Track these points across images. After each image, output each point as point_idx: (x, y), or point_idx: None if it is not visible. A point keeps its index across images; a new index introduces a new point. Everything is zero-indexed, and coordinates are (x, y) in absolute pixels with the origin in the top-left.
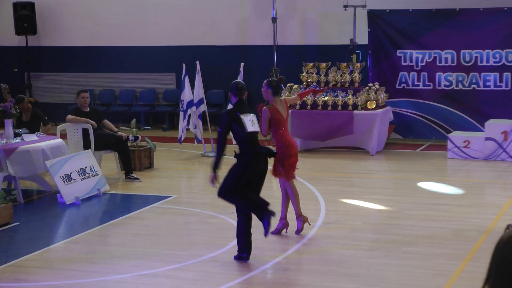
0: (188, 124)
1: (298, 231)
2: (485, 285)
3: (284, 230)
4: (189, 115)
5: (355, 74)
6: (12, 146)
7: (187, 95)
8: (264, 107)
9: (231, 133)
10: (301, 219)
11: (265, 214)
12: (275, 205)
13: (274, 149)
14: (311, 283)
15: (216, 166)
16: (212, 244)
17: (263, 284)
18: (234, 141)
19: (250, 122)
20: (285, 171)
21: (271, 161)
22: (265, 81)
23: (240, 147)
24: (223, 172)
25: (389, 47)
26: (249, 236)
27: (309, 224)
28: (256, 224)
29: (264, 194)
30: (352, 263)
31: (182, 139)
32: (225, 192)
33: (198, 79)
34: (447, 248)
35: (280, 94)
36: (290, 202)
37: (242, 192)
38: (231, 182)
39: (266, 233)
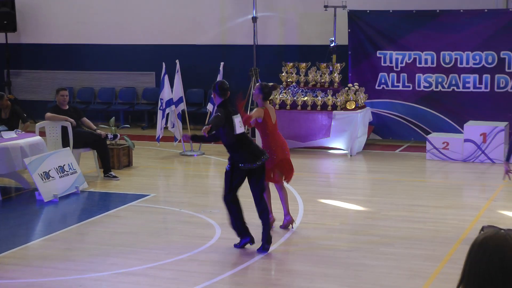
0: (166, 123)
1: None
2: (459, 287)
3: (290, 225)
4: (167, 114)
5: (335, 75)
6: None
7: (166, 94)
8: (259, 107)
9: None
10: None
11: (245, 239)
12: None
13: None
14: (289, 283)
15: (196, 138)
16: (190, 243)
17: (241, 284)
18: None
19: (239, 124)
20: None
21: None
22: (257, 84)
23: (228, 151)
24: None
25: (369, 47)
26: (243, 222)
27: (292, 228)
28: (230, 229)
29: (242, 193)
30: (329, 264)
31: (160, 137)
32: (225, 196)
33: (178, 78)
34: (425, 249)
35: (267, 100)
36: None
37: (238, 208)
38: (227, 183)
39: (237, 245)
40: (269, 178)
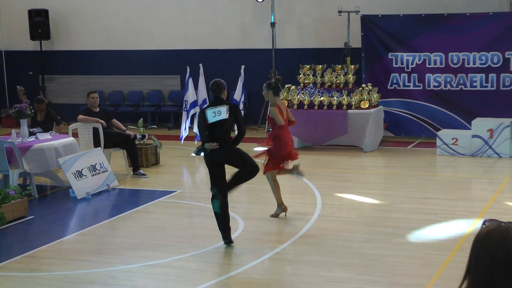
0: (191, 123)
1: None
2: (465, 279)
3: (283, 213)
4: (192, 115)
5: (349, 76)
6: (27, 144)
7: (190, 96)
8: (271, 107)
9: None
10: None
11: (224, 238)
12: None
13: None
14: (308, 272)
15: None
16: (214, 236)
17: (263, 274)
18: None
19: (213, 114)
20: (273, 164)
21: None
22: (264, 84)
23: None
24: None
25: (381, 50)
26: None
27: (285, 216)
28: (253, 222)
29: (253, 187)
30: (346, 254)
31: (184, 137)
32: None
33: (201, 80)
34: (436, 240)
35: (279, 94)
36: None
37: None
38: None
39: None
40: (274, 167)
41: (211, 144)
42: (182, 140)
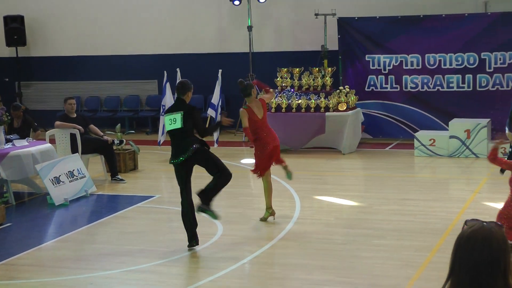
0: None
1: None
2: (448, 280)
3: (271, 218)
4: None
5: (327, 78)
6: (4, 151)
7: (168, 100)
8: (241, 108)
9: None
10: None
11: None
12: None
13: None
14: (288, 275)
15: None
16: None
17: (242, 277)
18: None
19: (169, 121)
20: (258, 167)
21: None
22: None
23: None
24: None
25: (358, 52)
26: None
27: (274, 219)
28: (232, 226)
29: (232, 191)
30: (326, 256)
31: (162, 141)
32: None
33: None
34: (415, 241)
35: (252, 94)
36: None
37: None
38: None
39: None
40: (265, 168)
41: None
42: (160, 145)
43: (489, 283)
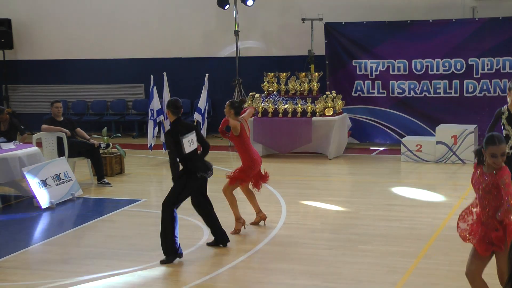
0: (158, 132)
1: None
2: (507, 284)
3: (262, 222)
4: (159, 123)
5: (313, 83)
6: None
7: (155, 104)
8: (234, 121)
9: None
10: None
11: (167, 255)
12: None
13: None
14: (273, 280)
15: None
16: (180, 245)
17: (228, 282)
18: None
19: (188, 143)
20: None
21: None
22: (227, 102)
23: (182, 164)
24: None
25: (345, 57)
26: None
27: (244, 228)
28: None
29: (217, 196)
30: (312, 261)
31: (152, 145)
32: (167, 203)
33: (166, 89)
34: (401, 246)
35: (239, 114)
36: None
37: (174, 223)
38: (173, 194)
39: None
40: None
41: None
42: (151, 149)
43: None
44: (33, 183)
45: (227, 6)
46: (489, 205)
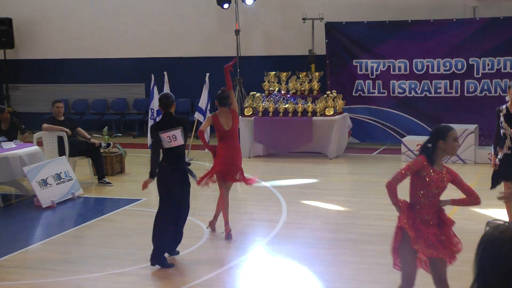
0: None
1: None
2: (474, 284)
3: (209, 229)
4: None
5: (314, 83)
6: None
7: (156, 104)
8: (210, 114)
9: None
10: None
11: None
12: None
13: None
14: (274, 280)
15: (152, 174)
16: (179, 244)
17: (228, 281)
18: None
19: (168, 139)
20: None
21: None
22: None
23: (164, 157)
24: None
25: (345, 57)
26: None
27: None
28: (217, 230)
29: (217, 195)
30: (312, 261)
31: None
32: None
33: (166, 89)
34: None
35: (226, 104)
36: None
37: (167, 224)
38: (160, 194)
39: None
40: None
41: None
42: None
43: None
44: (34, 182)
45: (225, 5)
46: (436, 203)
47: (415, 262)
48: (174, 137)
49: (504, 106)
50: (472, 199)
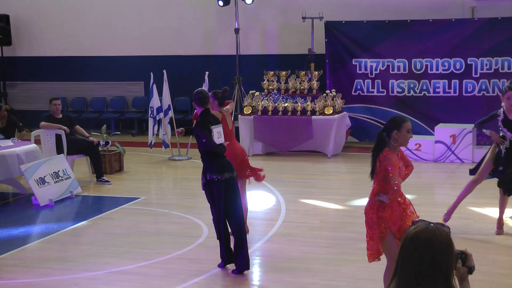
0: (159, 129)
1: None
2: (392, 281)
3: None
4: (159, 121)
5: (313, 82)
6: None
7: (155, 102)
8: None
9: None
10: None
11: (223, 261)
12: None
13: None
14: (272, 278)
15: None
16: (179, 242)
17: (227, 280)
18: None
19: (218, 134)
20: None
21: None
22: (210, 93)
23: (203, 159)
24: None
25: (345, 56)
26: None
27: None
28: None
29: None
30: (311, 259)
31: (153, 143)
32: (215, 219)
33: (166, 87)
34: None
35: (223, 104)
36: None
37: (225, 232)
38: (213, 206)
39: (221, 265)
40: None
41: None
42: (152, 147)
43: (430, 284)
44: (32, 181)
45: (220, 2)
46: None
47: (396, 241)
48: (219, 134)
49: (501, 110)
50: (411, 168)
